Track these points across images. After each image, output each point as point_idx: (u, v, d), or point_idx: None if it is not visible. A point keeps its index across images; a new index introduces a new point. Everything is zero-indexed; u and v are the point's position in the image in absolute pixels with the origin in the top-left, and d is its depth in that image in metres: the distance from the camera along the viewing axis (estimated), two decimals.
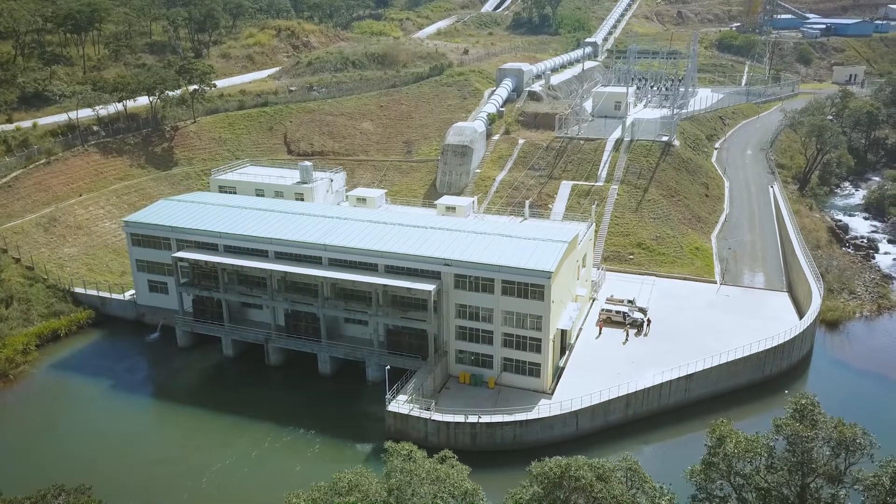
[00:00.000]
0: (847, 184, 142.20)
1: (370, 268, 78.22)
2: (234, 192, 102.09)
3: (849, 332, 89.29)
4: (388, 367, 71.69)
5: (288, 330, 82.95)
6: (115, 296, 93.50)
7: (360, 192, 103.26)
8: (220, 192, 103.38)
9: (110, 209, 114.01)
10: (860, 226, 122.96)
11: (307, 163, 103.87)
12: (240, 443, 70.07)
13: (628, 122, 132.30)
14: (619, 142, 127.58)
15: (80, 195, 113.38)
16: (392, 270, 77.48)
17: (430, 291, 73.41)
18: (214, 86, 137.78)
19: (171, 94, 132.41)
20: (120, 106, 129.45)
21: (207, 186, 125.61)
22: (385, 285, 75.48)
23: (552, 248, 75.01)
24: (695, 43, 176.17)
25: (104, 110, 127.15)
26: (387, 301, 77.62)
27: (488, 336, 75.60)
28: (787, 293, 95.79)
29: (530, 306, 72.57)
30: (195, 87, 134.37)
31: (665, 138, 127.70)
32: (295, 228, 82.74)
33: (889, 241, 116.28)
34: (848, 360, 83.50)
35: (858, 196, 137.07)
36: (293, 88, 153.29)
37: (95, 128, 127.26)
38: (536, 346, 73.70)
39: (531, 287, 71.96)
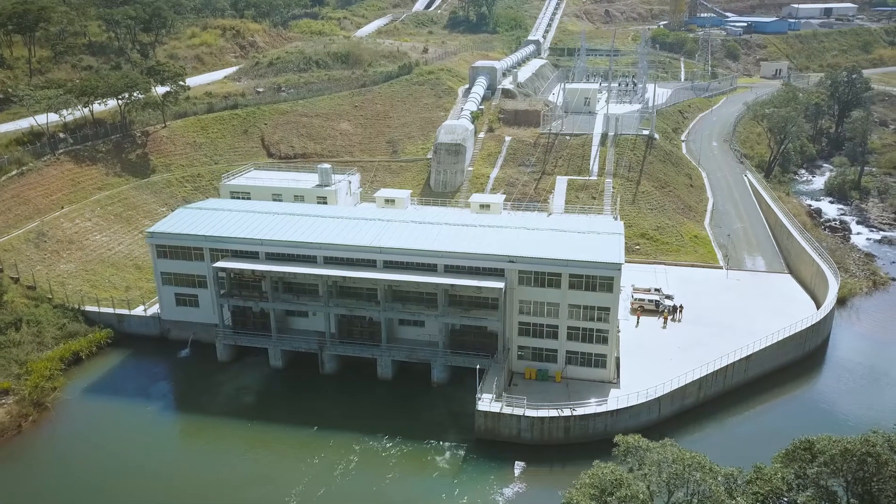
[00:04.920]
0: (803, 171, 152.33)
1: (428, 268, 77.24)
2: (249, 198, 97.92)
3: (857, 308, 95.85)
4: (479, 367, 70.91)
5: (340, 336, 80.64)
6: (134, 312, 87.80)
7: (387, 192, 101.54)
8: (233, 197, 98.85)
9: (97, 221, 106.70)
10: (829, 209, 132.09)
11: (326, 165, 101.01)
12: (318, 457, 67.35)
13: (603, 117, 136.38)
14: (604, 136, 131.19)
15: (63, 207, 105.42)
16: (451, 270, 76.81)
17: (500, 289, 73.41)
18: (188, 88, 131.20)
19: (139, 96, 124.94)
20: (85, 111, 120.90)
21: (192, 193, 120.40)
22: (452, 285, 74.78)
23: (613, 241, 76.69)
24: (643, 41, 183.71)
25: (70, 116, 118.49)
26: (446, 301, 76.88)
27: (553, 330, 76.20)
28: (789, 274, 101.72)
29: (598, 298, 73.80)
30: (167, 89, 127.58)
31: (645, 132, 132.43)
32: (342, 232, 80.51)
33: (858, 223, 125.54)
34: (867, 334, 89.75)
35: (817, 182, 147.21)
36: (261, 90, 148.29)
37: (62, 135, 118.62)
38: (603, 338, 75.08)
39: (600, 279, 73.20)
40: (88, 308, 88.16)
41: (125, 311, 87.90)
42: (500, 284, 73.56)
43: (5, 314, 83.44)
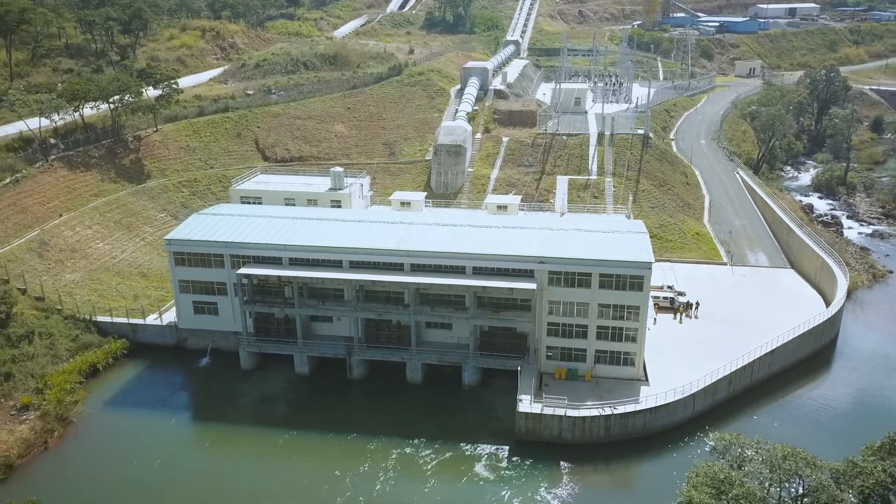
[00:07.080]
0: (789, 167, 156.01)
1: (456, 271, 76.96)
2: (259, 202, 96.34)
3: (861, 301, 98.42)
4: (519, 367, 70.93)
5: (367, 340, 79.85)
6: (149, 321, 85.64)
7: (402, 195, 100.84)
8: (243, 202, 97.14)
9: (97, 229, 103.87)
10: (819, 205, 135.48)
11: (338, 168, 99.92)
12: (357, 465, 66.37)
13: (597, 116, 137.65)
14: (601, 136, 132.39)
15: (61, 215, 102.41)
16: (480, 272, 76.66)
17: (533, 290, 73.52)
18: (181, 91, 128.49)
19: (131, 100, 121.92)
20: (76, 115, 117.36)
21: (190, 198, 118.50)
22: (484, 287, 74.63)
23: (640, 240, 77.38)
24: (624, 42, 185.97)
25: (61, 120, 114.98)
26: (475, 303, 76.71)
27: (582, 330, 76.50)
28: (792, 269, 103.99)
29: (629, 297, 74.33)
30: (159, 92, 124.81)
31: (640, 131, 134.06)
32: (367, 235, 79.75)
33: (848, 217, 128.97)
34: (874, 325, 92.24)
35: (802, 178, 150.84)
36: (250, 92, 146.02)
37: (53, 140, 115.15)
38: (633, 337, 75.66)
39: (630, 279, 73.77)
40: (101, 318, 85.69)
41: (140, 321, 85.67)
42: (532, 285, 73.65)
43: (16, 326, 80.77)
